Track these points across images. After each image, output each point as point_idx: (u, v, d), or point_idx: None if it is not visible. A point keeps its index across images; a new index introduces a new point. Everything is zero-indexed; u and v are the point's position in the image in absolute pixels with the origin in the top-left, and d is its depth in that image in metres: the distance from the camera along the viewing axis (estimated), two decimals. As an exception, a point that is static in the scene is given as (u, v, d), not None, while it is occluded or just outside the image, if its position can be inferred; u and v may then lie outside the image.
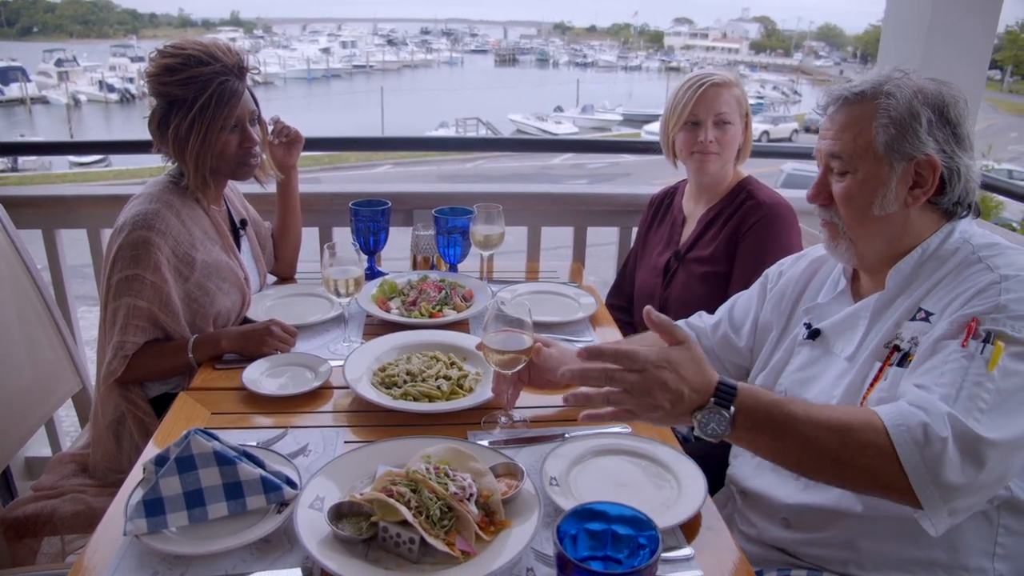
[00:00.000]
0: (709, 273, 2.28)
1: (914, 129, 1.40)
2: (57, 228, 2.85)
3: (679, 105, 2.25)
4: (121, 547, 1.24)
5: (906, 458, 1.19)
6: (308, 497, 1.31)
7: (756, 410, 1.26)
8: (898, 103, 1.41)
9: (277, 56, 62.81)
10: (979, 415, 1.21)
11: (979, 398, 1.23)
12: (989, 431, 1.19)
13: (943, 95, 1.42)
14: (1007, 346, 1.26)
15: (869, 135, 1.43)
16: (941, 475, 1.18)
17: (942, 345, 1.32)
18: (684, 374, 1.25)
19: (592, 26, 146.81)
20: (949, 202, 1.45)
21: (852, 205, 1.47)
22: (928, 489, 1.19)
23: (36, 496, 1.95)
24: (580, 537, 1.09)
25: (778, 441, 1.27)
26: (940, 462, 1.18)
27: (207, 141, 1.97)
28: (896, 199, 1.43)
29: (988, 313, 1.29)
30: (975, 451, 1.19)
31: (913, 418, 1.21)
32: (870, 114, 1.43)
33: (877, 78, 1.45)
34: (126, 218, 1.92)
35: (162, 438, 1.56)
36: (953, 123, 1.42)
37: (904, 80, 1.44)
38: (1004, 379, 1.24)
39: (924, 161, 1.41)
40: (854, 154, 1.45)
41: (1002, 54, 53.23)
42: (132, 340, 1.89)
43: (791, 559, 1.53)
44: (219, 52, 1.98)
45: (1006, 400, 1.23)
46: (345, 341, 2.04)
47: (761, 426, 1.26)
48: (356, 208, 2.44)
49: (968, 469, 1.19)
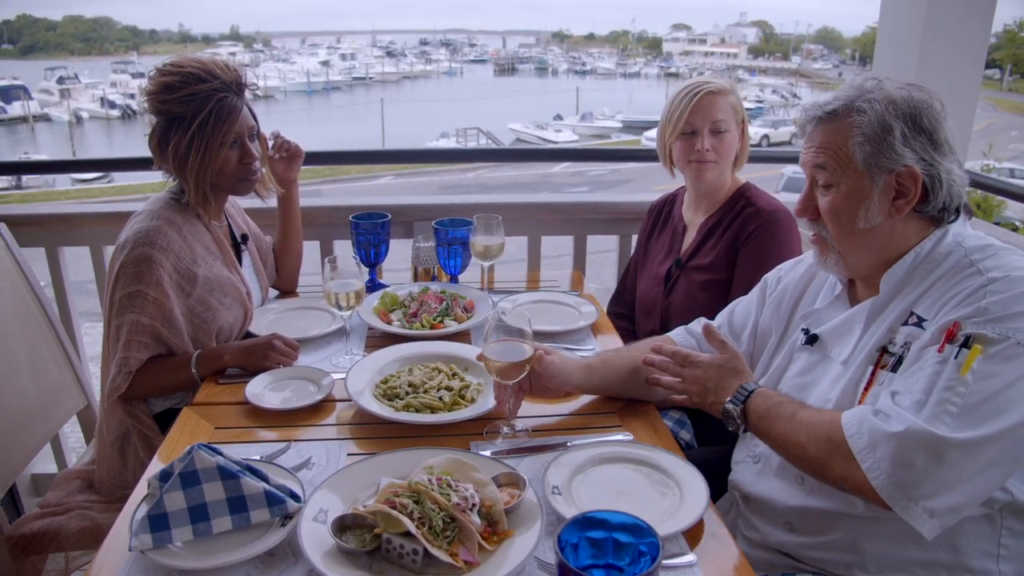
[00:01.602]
0: (710, 281, 2.28)
1: (888, 143, 1.41)
2: (60, 246, 2.87)
3: (675, 114, 2.26)
4: (127, 563, 1.25)
5: (858, 453, 1.29)
6: (312, 510, 1.32)
7: (758, 410, 1.50)
8: (870, 119, 1.42)
9: (277, 70, 63.02)
10: (948, 419, 1.24)
11: (948, 402, 1.25)
12: (953, 431, 1.23)
13: (915, 103, 1.43)
14: (985, 347, 1.27)
15: (847, 151, 1.44)
16: (899, 476, 1.24)
17: (923, 352, 1.35)
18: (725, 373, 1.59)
19: (590, 34, 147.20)
20: (934, 209, 1.45)
21: (838, 219, 1.48)
22: (889, 490, 1.25)
23: (42, 513, 1.95)
24: (582, 546, 1.09)
25: (769, 437, 1.48)
26: (893, 460, 1.25)
27: (207, 158, 1.98)
28: (880, 211, 1.44)
29: (969, 317, 1.30)
30: (935, 451, 1.23)
31: (865, 416, 1.32)
32: (845, 131, 1.45)
33: (849, 93, 1.47)
34: (128, 235, 1.94)
35: (166, 453, 1.56)
36: (928, 130, 1.42)
37: (876, 92, 1.45)
38: (979, 382, 1.26)
39: (904, 172, 1.42)
40: (836, 168, 1.46)
41: (1001, 53, 53.26)
42: (136, 356, 1.90)
43: (795, 563, 1.53)
44: (217, 69, 1.99)
45: (983, 403, 1.25)
46: (347, 354, 2.05)
47: (760, 423, 1.49)
48: (356, 221, 2.45)
49: (931, 470, 1.23)
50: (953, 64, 2.78)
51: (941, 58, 2.77)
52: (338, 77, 66.03)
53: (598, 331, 2.23)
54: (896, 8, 2.98)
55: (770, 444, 1.50)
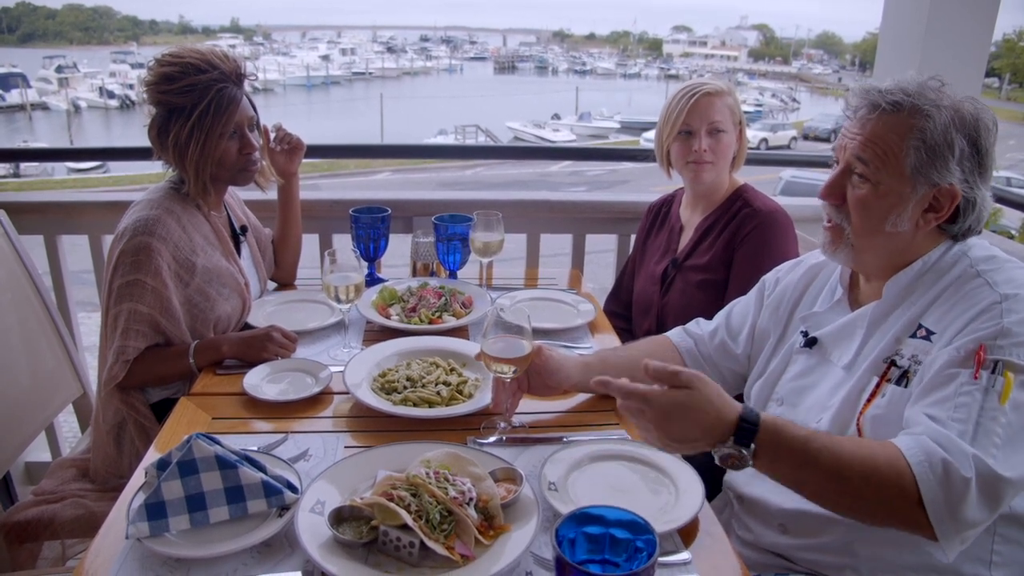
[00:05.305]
0: (706, 281, 2.29)
1: (945, 158, 1.37)
2: (58, 234, 2.86)
3: (672, 115, 2.26)
4: (123, 551, 1.25)
5: (929, 497, 1.19)
6: (309, 501, 1.32)
7: (779, 445, 1.27)
8: (935, 127, 1.36)
9: (277, 63, 62.90)
10: (995, 451, 1.21)
11: (994, 433, 1.22)
12: (1005, 469, 1.20)
13: (980, 122, 1.38)
14: (1015, 376, 1.25)
15: (899, 152, 1.38)
16: (960, 513, 1.19)
17: (951, 374, 1.30)
18: (695, 417, 1.26)
19: (591, 34, 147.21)
20: (959, 230, 1.43)
21: (866, 215, 1.44)
22: (945, 525, 1.19)
23: (36, 501, 1.95)
24: (578, 541, 1.10)
25: (800, 473, 1.28)
26: (962, 502, 1.18)
27: (207, 148, 1.98)
28: (910, 219, 1.42)
29: (993, 338, 1.28)
30: (995, 491, 1.20)
31: (935, 455, 1.20)
32: (904, 131, 1.38)
33: (914, 88, 1.40)
34: (127, 224, 1.93)
35: (163, 443, 1.56)
36: (982, 153, 1.39)
37: (941, 97, 1.39)
38: (1014, 412, 1.24)
39: (946, 189, 1.39)
40: (880, 166, 1.40)
41: (1000, 62, 53.43)
42: (133, 345, 1.90)
43: (788, 564, 1.53)
44: (217, 59, 1.99)
45: (1017, 435, 1.23)
46: (345, 347, 2.05)
47: (783, 460, 1.28)
48: (356, 215, 2.45)
49: (986, 507, 1.20)
50: (954, 71, 2.78)
51: (942, 65, 2.78)
52: (338, 72, 65.92)
53: (595, 329, 2.23)
54: (898, 15, 2.99)
55: (788, 480, 1.31)
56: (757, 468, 1.29)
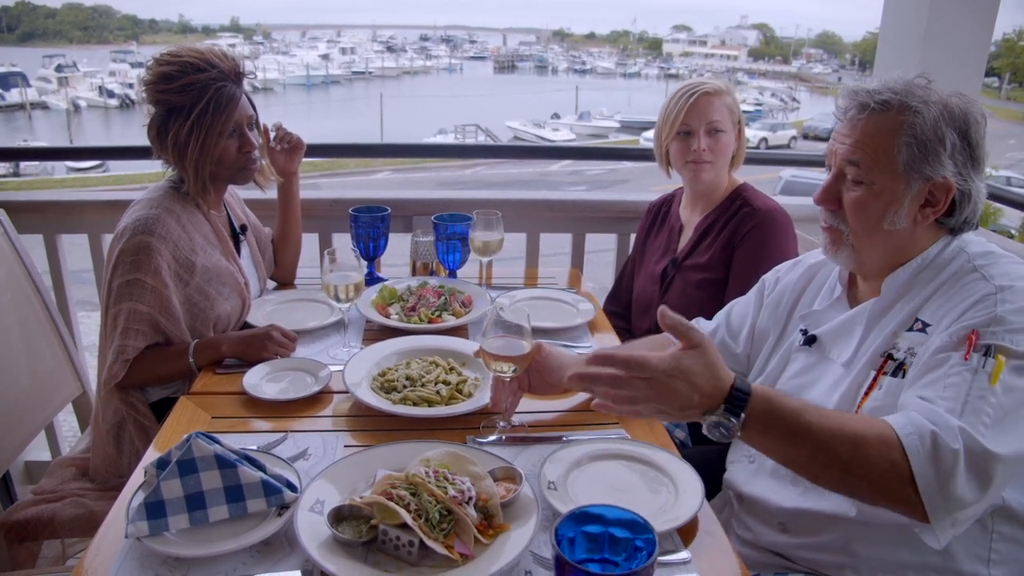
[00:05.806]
0: (706, 280, 2.29)
1: (937, 152, 1.38)
2: (58, 233, 2.86)
3: (671, 115, 2.27)
4: (122, 550, 1.25)
5: (918, 468, 1.19)
6: (308, 500, 1.32)
7: (769, 416, 1.26)
8: (924, 123, 1.37)
9: (276, 62, 62.87)
10: (983, 429, 1.21)
11: (983, 412, 1.23)
12: (995, 445, 1.19)
13: (968, 116, 1.39)
14: (1007, 360, 1.26)
15: (891, 150, 1.39)
16: (950, 489, 1.18)
17: (943, 357, 1.31)
18: (696, 381, 1.24)
19: (591, 33, 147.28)
20: (956, 222, 1.44)
21: (862, 216, 1.45)
22: (936, 501, 1.19)
23: (36, 500, 1.95)
24: (578, 540, 1.10)
25: (789, 447, 1.28)
26: (952, 477, 1.18)
27: (206, 147, 1.98)
28: (907, 216, 1.42)
29: (986, 325, 1.29)
30: (984, 466, 1.19)
31: (924, 428, 1.21)
32: (894, 128, 1.39)
33: (902, 86, 1.41)
34: (127, 223, 1.93)
35: (163, 442, 1.56)
36: (973, 145, 1.40)
37: (929, 94, 1.40)
38: (1005, 394, 1.24)
39: (940, 183, 1.40)
40: (873, 166, 1.42)
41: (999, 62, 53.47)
42: (133, 344, 1.90)
43: (788, 563, 1.54)
44: (215, 58, 1.99)
45: (1008, 415, 1.23)
46: (345, 346, 2.05)
47: (772, 431, 1.27)
48: (356, 214, 2.45)
49: (976, 485, 1.19)
50: (954, 71, 2.78)
51: (942, 65, 2.78)
52: (337, 71, 65.90)
53: (595, 329, 2.23)
54: (898, 14, 2.99)
55: (777, 454, 1.32)
56: (745, 439, 1.28)
